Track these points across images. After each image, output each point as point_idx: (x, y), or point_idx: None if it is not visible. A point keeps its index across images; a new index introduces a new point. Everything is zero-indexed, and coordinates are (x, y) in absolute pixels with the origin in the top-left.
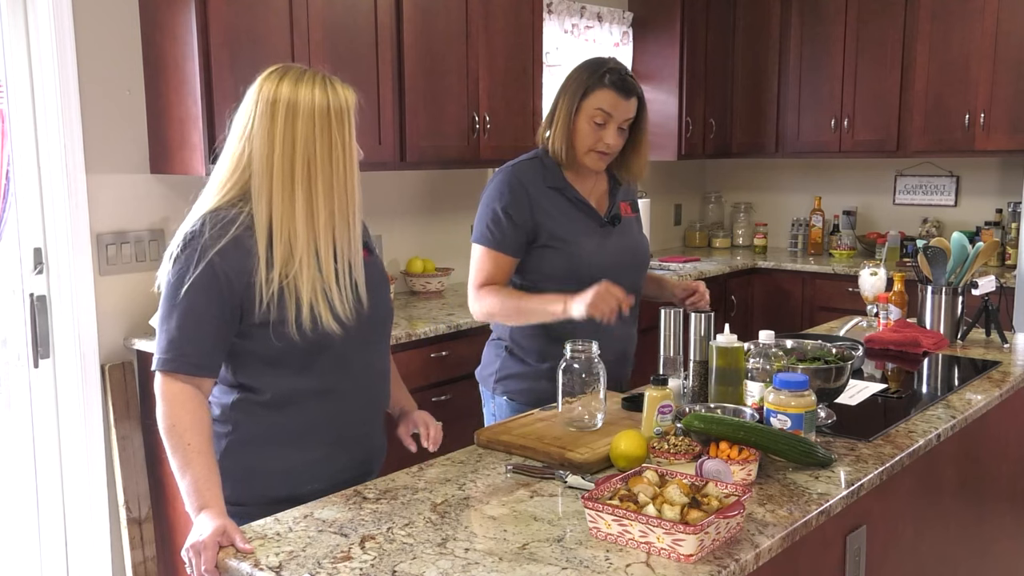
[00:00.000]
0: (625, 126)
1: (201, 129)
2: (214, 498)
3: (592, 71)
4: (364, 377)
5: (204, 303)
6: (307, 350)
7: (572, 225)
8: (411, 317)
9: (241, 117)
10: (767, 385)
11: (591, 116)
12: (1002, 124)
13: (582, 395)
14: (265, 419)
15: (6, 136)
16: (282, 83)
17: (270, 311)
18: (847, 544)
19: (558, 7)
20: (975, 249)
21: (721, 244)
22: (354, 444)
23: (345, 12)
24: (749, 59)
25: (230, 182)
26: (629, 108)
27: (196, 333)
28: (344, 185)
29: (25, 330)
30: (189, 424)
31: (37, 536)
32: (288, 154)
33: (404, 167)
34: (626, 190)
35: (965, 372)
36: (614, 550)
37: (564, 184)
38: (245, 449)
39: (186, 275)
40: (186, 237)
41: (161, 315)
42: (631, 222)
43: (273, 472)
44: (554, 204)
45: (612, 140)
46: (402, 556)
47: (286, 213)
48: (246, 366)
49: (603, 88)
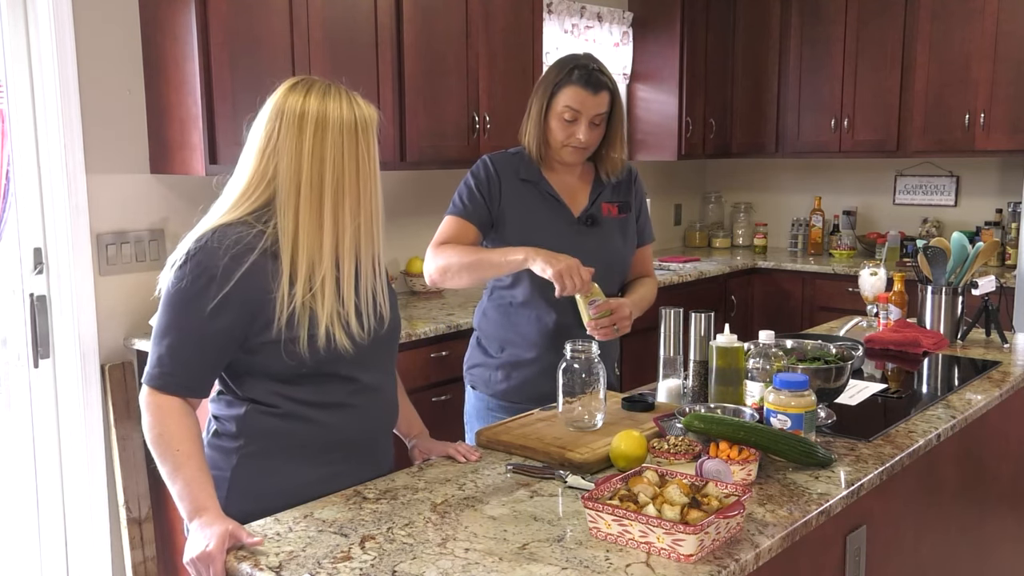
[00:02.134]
0: (598, 121)
1: (201, 129)
2: (208, 498)
3: (560, 68)
4: (373, 392)
5: (205, 325)
6: (317, 367)
7: (536, 219)
8: (411, 317)
9: (262, 130)
10: (767, 385)
11: (560, 113)
12: (1002, 124)
13: (582, 395)
14: (276, 432)
15: (6, 136)
16: (308, 97)
17: (286, 329)
18: (847, 544)
19: (558, 7)
20: (975, 249)
21: (721, 244)
22: (364, 458)
23: (345, 12)
24: (749, 59)
25: (251, 196)
26: (598, 103)
27: (192, 356)
28: (370, 200)
29: (25, 330)
30: (177, 432)
31: (37, 536)
32: (317, 169)
33: (404, 167)
34: (616, 189)
35: (965, 372)
36: (614, 550)
37: (538, 178)
38: (257, 463)
39: (191, 291)
40: (193, 249)
41: (158, 327)
42: (614, 223)
43: (284, 489)
44: (524, 196)
45: (584, 136)
46: (402, 556)
47: (313, 228)
48: (254, 381)
49: (571, 85)
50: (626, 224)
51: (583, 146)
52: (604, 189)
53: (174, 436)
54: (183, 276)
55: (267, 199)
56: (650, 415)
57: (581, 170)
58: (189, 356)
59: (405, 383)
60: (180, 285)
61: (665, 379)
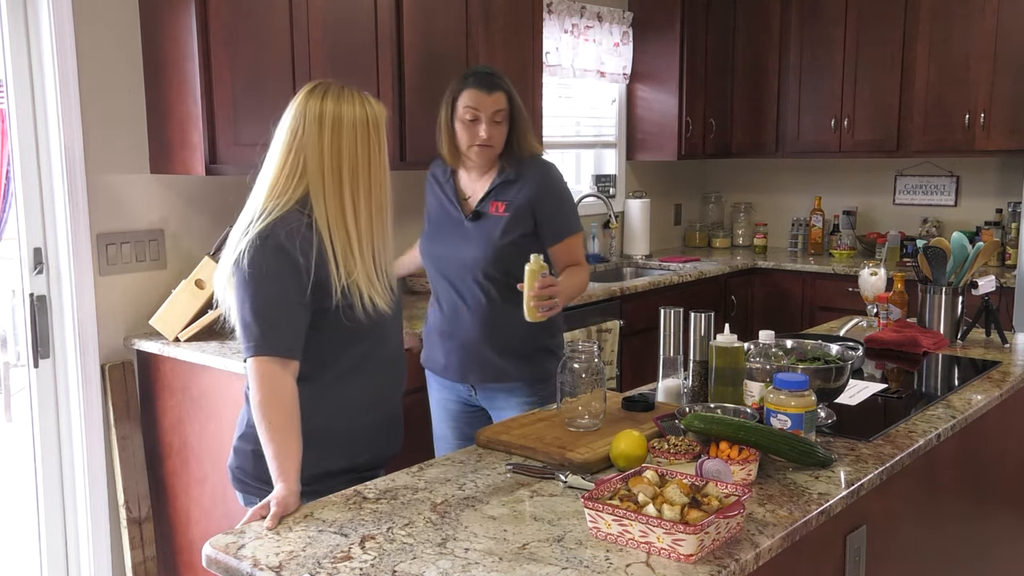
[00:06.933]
0: (499, 119)
1: (201, 129)
2: (283, 472)
3: (459, 78)
4: (394, 353)
5: (289, 293)
6: (366, 331)
7: (435, 215)
8: (411, 317)
9: (287, 130)
10: (767, 385)
11: (462, 115)
12: (1002, 124)
13: (582, 395)
14: (322, 403)
15: (6, 136)
16: (325, 99)
17: (342, 297)
18: (847, 544)
19: (558, 7)
20: (975, 249)
21: (721, 244)
22: (389, 413)
23: (345, 12)
24: (749, 59)
25: (288, 189)
26: (494, 101)
27: (283, 320)
28: (380, 188)
29: (25, 330)
30: (274, 402)
31: (37, 536)
32: (336, 162)
33: (404, 167)
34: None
35: (965, 372)
36: (614, 550)
37: (445, 179)
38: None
39: (271, 271)
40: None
41: (250, 306)
42: (496, 221)
43: (333, 445)
44: (434, 195)
45: (486, 133)
46: (402, 556)
47: (337, 213)
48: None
49: (467, 88)
50: (510, 222)
51: (487, 143)
52: (498, 187)
53: (268, 406)
54: (262, 260)
55: (304, 191)
56: (650, 415)
57: (487, 170)
58: (280, 322)
59: (405, 383)
60: (261, 268)
61: (665, 379)
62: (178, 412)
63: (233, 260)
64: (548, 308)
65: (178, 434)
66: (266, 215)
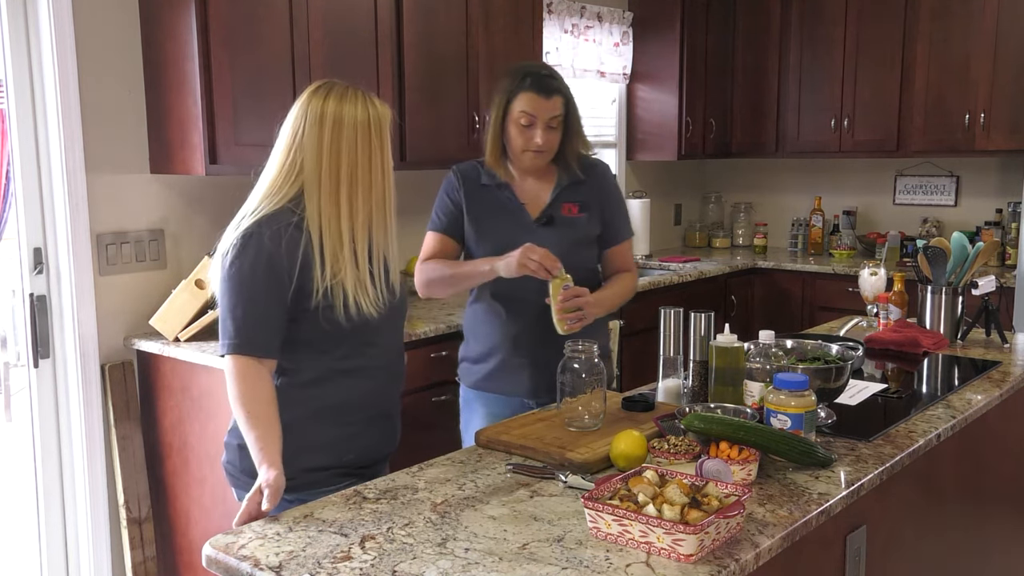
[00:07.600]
0: (555, 124)
1: (201, 129)
2: (267, 456)
3: (513, 77)
4: (388, 356)
5: (266, 293)
6: (346, 333)
7: (495, 223)
8: (411, 317)
9: (289, 129)
10: (767, 385)
11: (517, 119)
12: (1002, 124)
13: (582, 395)
14: (304, 399)
15: (6, 136)
16: (328, 99)
17: (323, 298)
18: (847, 544)
19: (558, 7)
20: (975, 249)
21: (721, 244)
22: (382, 418)
23: (345, 12)
24: (749, 59)
25: (283, 187)
26: (552, 107)
27: (259, 321)
28: (382, 187)
29: (25, 330)
30: (251, 396)
31: (38, 536)
32: (335, 162)
33: (404, 167)
34: (579, 189)
35: (965, 372)
36: (614, 550)
37: (498, 183)
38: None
39: (251, 270)
40: (245, 237)
41: (227, 304)
42: (574, 222)
43: (315, 446)
44: (484, 202)
45: (541, 139)
46: (402, 556)
47: (332, 213)
48: (291, 350)
49: (524, 91)
50: (588, 223)
51: (541, 149)
52: (565, 189)
53: (247, 399)
54: (243, 259)
55: (299, 190)
56: (650, 415)
57: (544, 173)
58: (256, 322)
59: (404, 383)
60: (241, 266)
61: (665, 379)
62: (178, 412)
63: (219, 256)
64: (577, 320)
65: (178, 434)
66: (256, 213)
